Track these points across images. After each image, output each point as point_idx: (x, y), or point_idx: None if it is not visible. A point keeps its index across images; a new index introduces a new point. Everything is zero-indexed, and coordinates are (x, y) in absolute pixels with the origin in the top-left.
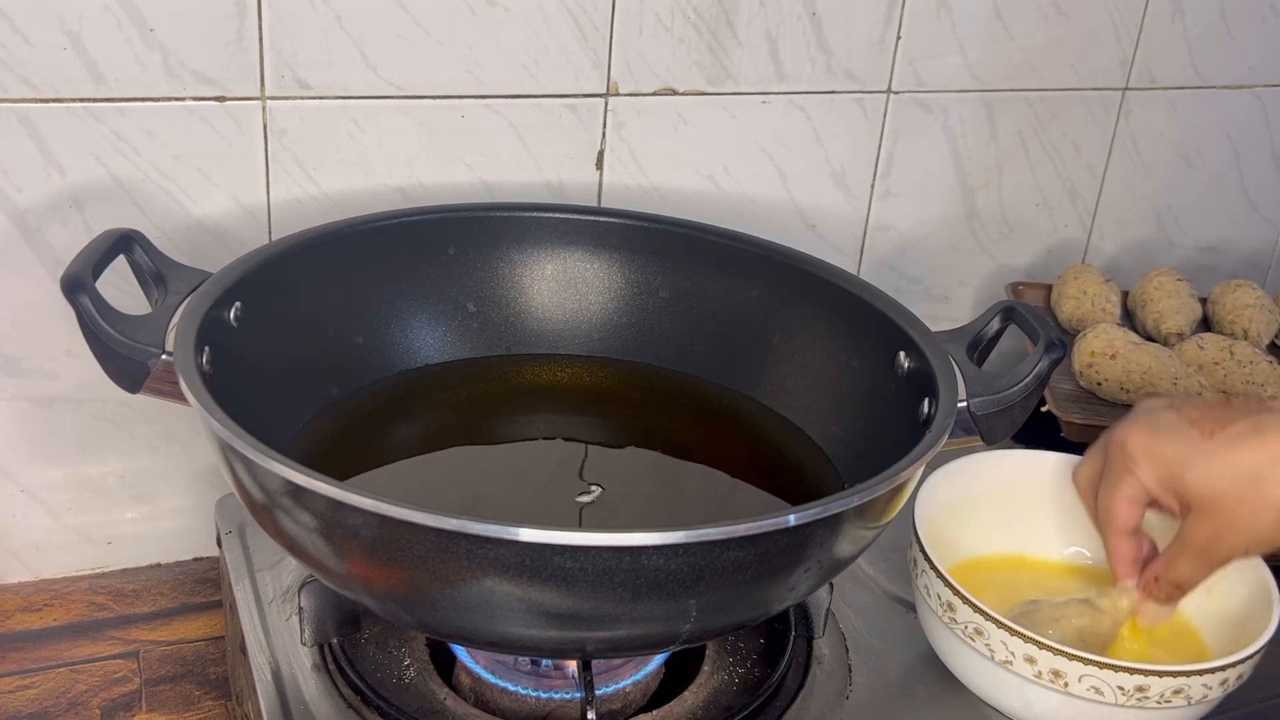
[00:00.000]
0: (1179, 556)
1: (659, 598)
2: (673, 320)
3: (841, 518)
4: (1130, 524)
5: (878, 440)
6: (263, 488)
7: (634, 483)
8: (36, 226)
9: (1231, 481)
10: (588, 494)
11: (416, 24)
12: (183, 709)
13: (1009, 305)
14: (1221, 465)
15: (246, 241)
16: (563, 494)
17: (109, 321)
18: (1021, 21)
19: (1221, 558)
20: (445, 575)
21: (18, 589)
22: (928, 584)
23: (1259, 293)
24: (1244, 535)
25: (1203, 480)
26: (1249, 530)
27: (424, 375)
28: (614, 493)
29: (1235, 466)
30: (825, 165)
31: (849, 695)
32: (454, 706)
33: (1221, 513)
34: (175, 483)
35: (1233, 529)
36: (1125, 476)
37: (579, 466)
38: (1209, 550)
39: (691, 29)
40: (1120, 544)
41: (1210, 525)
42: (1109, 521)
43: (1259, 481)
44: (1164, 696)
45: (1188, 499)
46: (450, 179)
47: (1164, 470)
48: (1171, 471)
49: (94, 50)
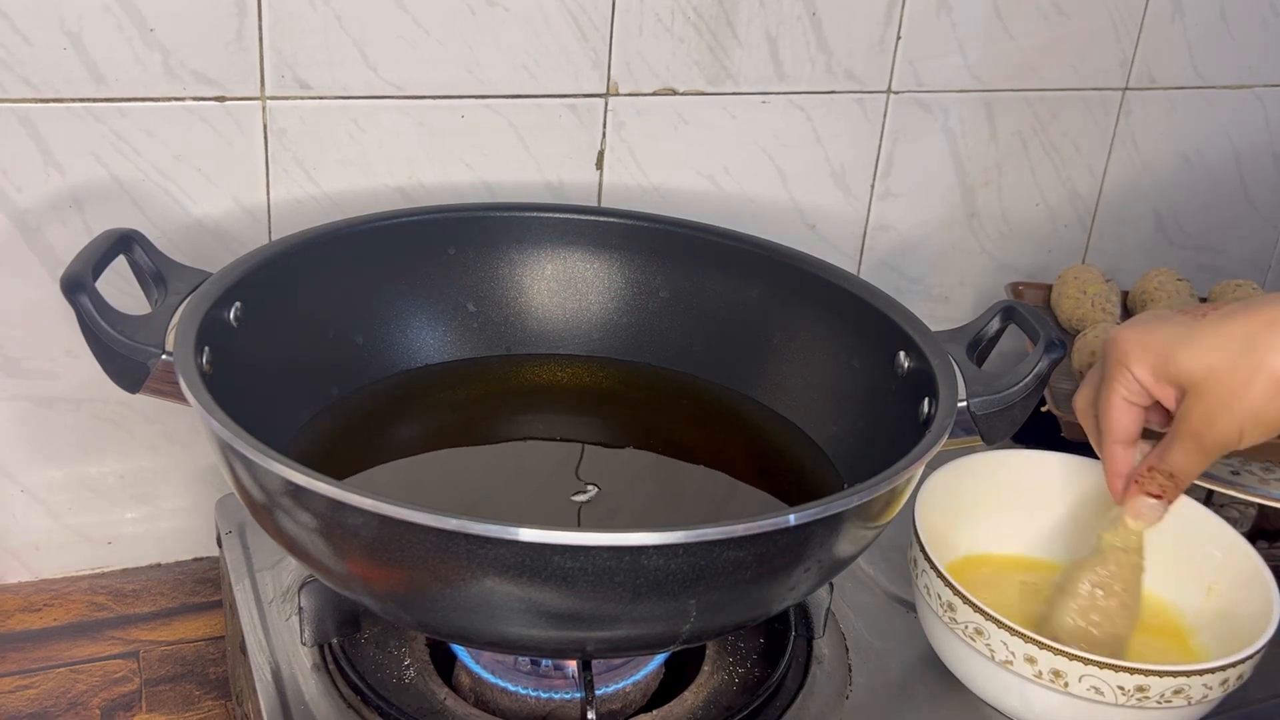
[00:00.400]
0: (1172, 442)
1: (659, 598)
2: (673, 320)
3: (841, 518)
4: (1128, 431)
5: (878, 440)
6: (263, 488)
7: (634, 483)
8: (36, 226)
9: (1223, 352)
10: (584, 493)
11: (416, 24)
12: (183, 709)
13: (1009, 305)
14: (1213, 338)
15: (246, 241)
16: (562, 494)
17: (109, 321)
18: (1021, 21)
19: (1214, 442)
20: (445, 575)
21: (18, 589)
22: (928, 584)
23: (1259, 293)
24: (1238, 411)
25: (1194, 355)
26: (1242, 404)
27: (424, 375)
28: (614, 493)
29: (1226, 336)
30: (825, 165)
31: (849, 695)
32: (454, 706)
33: (1214, 388)
34: (175, 483)
35: (1226, 406)
36: (1120, 373)
37: (578, 466)
38: (1202, 432)
39: (691, 29)
40: (1116, 453)
41: (1202, 404)
42: (1107, 427)
43: (1251, 348)
44: (1164, 696)
45: (1181, 381)
46: (450, 179)
47: (1156, 356)
48: (1164, 355)
49: (94, 50)
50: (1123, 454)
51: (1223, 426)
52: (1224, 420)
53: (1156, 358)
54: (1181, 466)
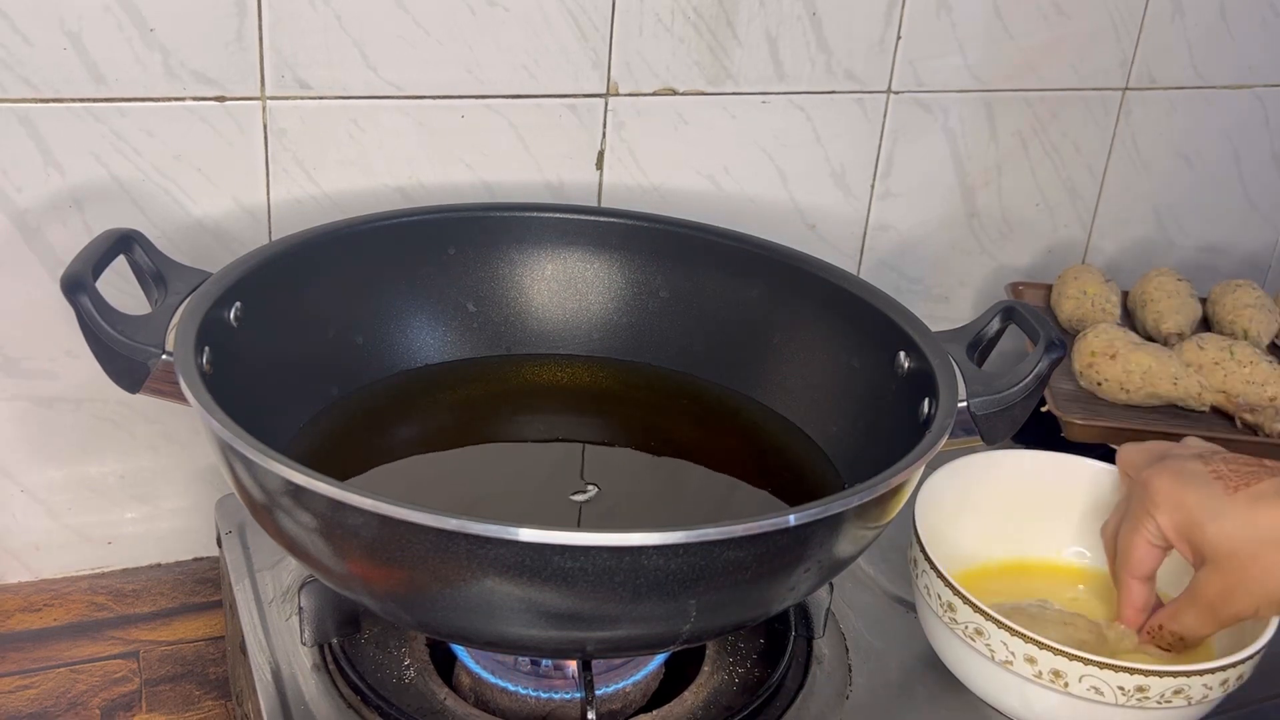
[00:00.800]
0: (1186, 608)
1: (659, 598)
2: (673, 320)
3: (841, 518)
4: (1147, 568)
5: (878, 440)
6: (263, 488)
7: (634, 483)
8: (36, 226)
9: (1249, 538)
10: (583, 493)
11: (416, 24)
12: (183, 709)
13: (1009, 305)
14: (1241, 521)
15: (246, 241)
16: (563, 494)
17: (109, 321)
18: (1021, 21)
19: (1229, 615)
20: (445, 575)
21: (18, 589)
22: (928, 584)
23: (1259, 293)
24: (1255, 594)
25: (1220, 534)
26: (1261, 590)
27: (424, 375)
28: (614, 493)
29: (1255, 524)
30: (825, 165)
31: (849, 695)
32: (454, 706)
33: (1235, 569)
34: (175, 483)
35: (1245, 587)
36: (1146, 520)
37: (579, 466)
38: (1217, 606)
39: (691, 29)
40: (1133, 588)
41: (1222, 580)
42: (1126, 562)
43: (1277, 542)
44: (1164, 696)
45: (1203, 551)
46: (450, 179)
47: (1183, 518)
48: (1191, 520)
49: (94, 50)
50: (1139, 589)
51: (1240, 605)
52: (1241, 599)
53: (1184, 519)
54: (1192, 630)
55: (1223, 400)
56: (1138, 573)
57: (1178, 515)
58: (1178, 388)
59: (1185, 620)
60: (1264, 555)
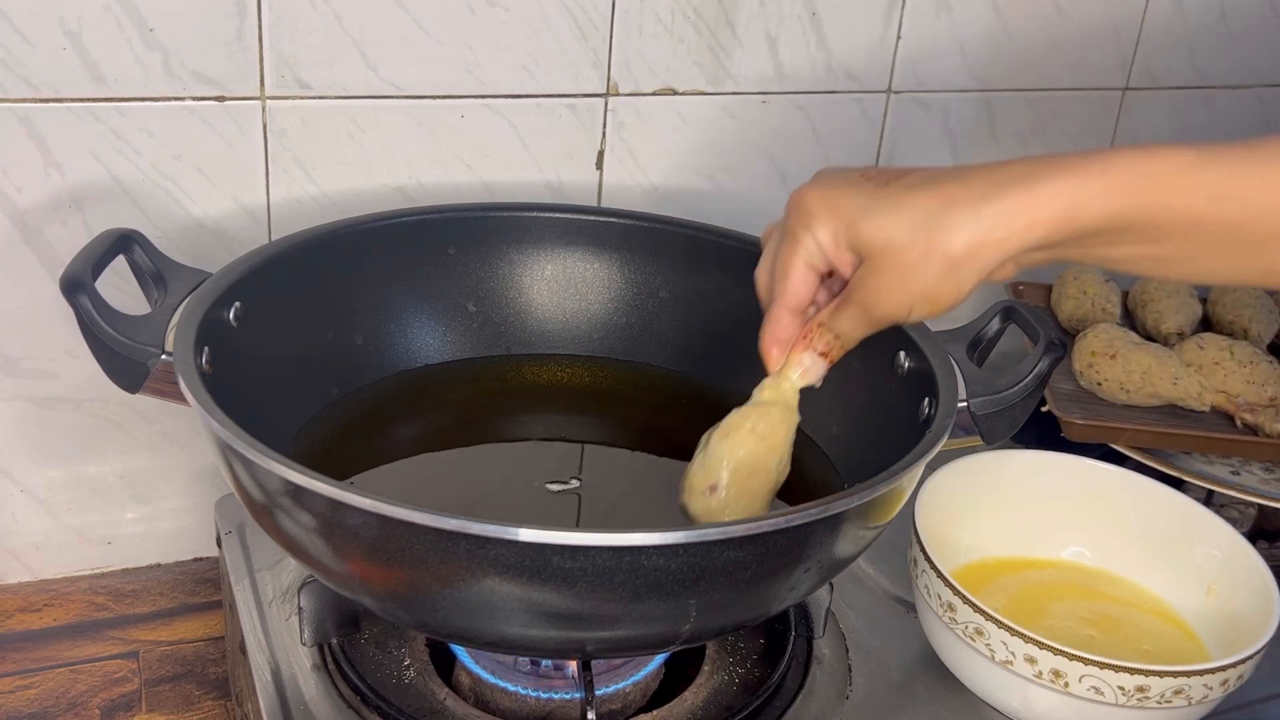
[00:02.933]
0: (843, 307)
1: (659, 598)
2: (673, 320)
3: (841, 518)
4: (801, 297)
5: (878, 440)
6: (262, 488)
7: (633, 483)
8: (36, 226)
9: (901, 227)
10: (562, 483)
11: (416, 24)
12: (183, 709)
13: (1009, 305)
14: (894, 210)
15: (246, 241)
16: (563, 494)
17: (109, 321)
18: (1021, 21)
19: (883, 312)
20: (445, 575)
21: (18, 589)
22: (928, 584)
23: (1259, 293)
24: (909, 286)
25: (875, 227)
26: (914, 282)
27: (424, 375)
28: (614, 492)
29: (908, 211)
30: (825, 165)
31: (849, 695)
32: (454, 706)
33: (890, 261)
34: (175, 483)
35: (898, 279)
36: (802, 236)
37: (578, 466)
38: (872, 304)
39: (691, 29)
40: (783, 319)
41: (876, 275)
42: (782, 290)
43: (930, 225)
44: (1164, 697)
45: (860, 249)
46: (450, 179)
47: (839, 222)
48: (846, 222)
49: (94, 50)
50: (788, 320)
51: (893, 301)
52: (895, 295)
53: (839, 223)
54: (848, 331)
55: (1223, 400)
56: (791, 301)
57: (834, 221)
58: (1178, 387)
59: (842, 321)
60: (918, 241)
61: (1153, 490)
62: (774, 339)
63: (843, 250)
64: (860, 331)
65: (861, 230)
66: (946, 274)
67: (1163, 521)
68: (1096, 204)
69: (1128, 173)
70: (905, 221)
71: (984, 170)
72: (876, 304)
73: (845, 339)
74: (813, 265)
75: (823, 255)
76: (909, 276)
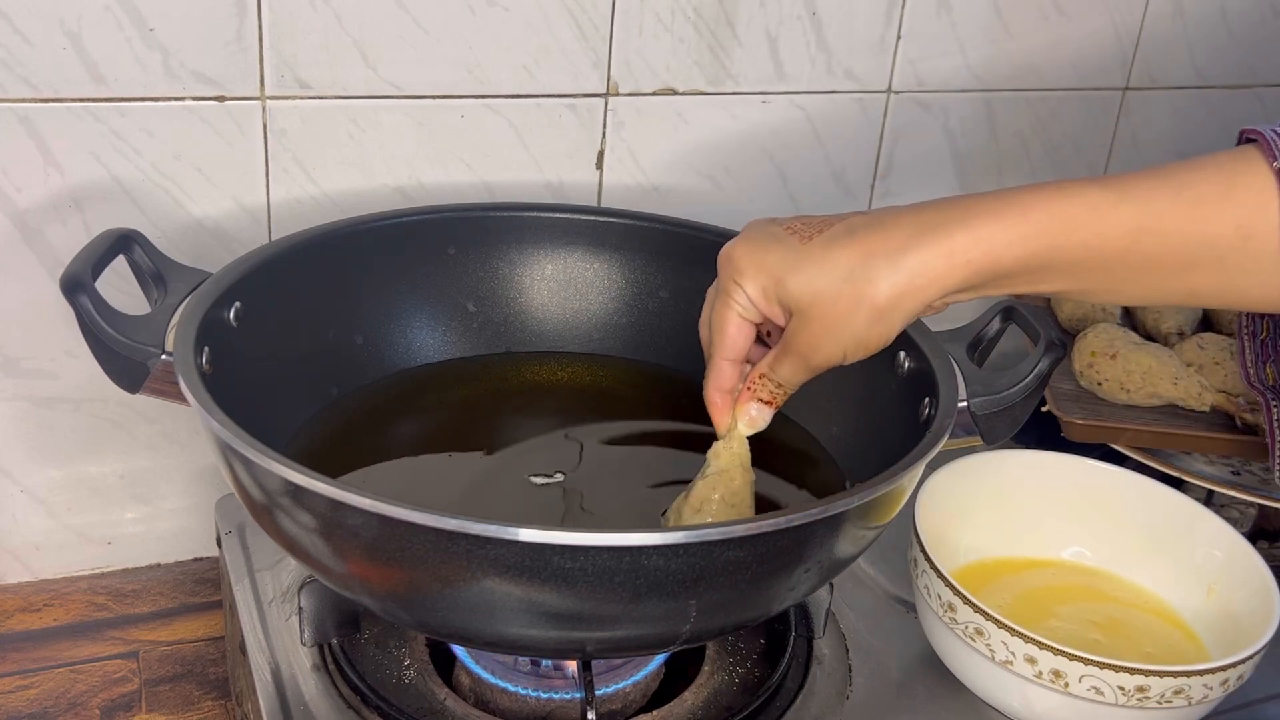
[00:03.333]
0: (782, 358)
1: (659, 598)
2: (673, 320)
3: (841, 518)
4: (738, 348)
5: (878, 440)
6: (262, 488)
7: (634, 482)
8: (36, 226)
9: (827, 281)
10: (547, 478)
11: (416, 24)
12: (183, 709)
13: (1009, 305)
14: (817, 266)
15: (246, 241)
16: (562, 494)
17: (109, 321)
18: (1021, 21)
19: (820, 361)
20: (445, 575)
21: (18, 589)
22: (928, 584)
23: None
24: (840, 336)
25: (801, 283)
26: (844, 330)
27: (424, 375)
28: (614, 492)
29: (830, 266)
30: (825, 165)
31: (849, 695)
32: (454, 706)
33: (819, 314)
34: (175, 483)
35: (829, 330)
36: (734, 291)
37: (578, 466)
38: (808, 354)
39: (691, 29)
40: (723, 370)
41: (808, 328)
42: (720, 342)
43: (852, 279)
44: (1164, 697)
45: (789, 304)
46: (450, 179)
47: (767, 278)
48: (774, 278)
49: (94, 50)
50: (729, 370)
51: (827, 350)
52: (828, 345)
53: (768, 279)
54: (788, 378)
55: (1223, 400)
56: (730, 354)
57: (761, 277)
58: (1178, 387)
59: (781, 370)
60: (843, 295)
61: (1153, 490)
62: (716, 388)
63: (773, 304)
64: (799, 378)
65: (788, 286)
66: (874, 322)
67: (1163, 522)
68: (1014, 249)
69: (1043, 215)
70: (828, 276)
71: (903, 218)
72: (812, 353)
73: (786, 385)
74: (747, 318)
75: (754, 309)
76: (839, 327)
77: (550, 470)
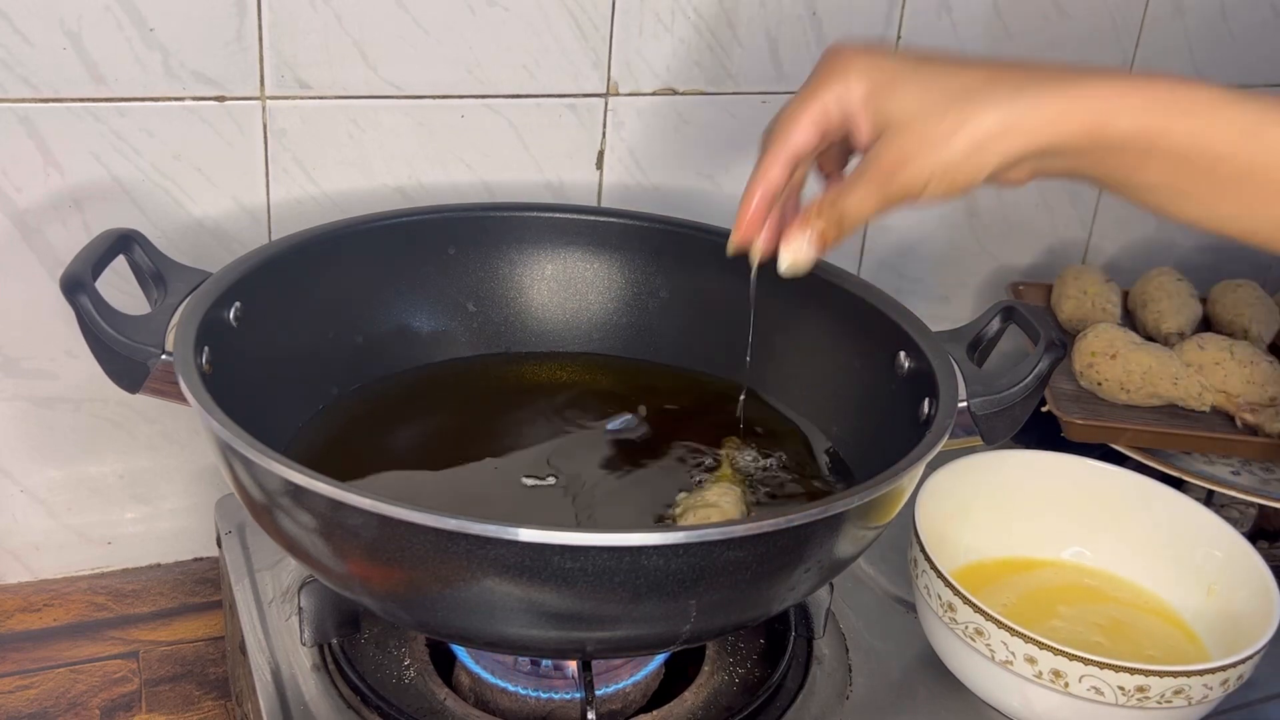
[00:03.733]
0: (856, 181)
1: (659, 598)
2: (673, 320)
3: (841, 518)
4: (798, 145)
5: (878, 440)
6: (262, 488)
7: (634, 482)
8: (36, 226)
9: (941, 93)
10: (539, 479)
11: (416, 24)
12: (183, 709)
13: (1009, 305)
14: (935, 78)
15: (246, 241)
16: (562, 493)
17: (109, 321)
18: (1021, 21)
19: (900, 185)
20: (445, 575)
21: (18, 589)
22: (928, 584)
23: (1259, 293)
24: (932, 157)
25: (914, 90)
26: (939, 151)
27: (424, 375)
28: (614, 492)
29: (948, 79)
30: None
31: (849, 695)
32: (454, 706)
33: (918, 128)
34: (175, 483)
35: (923, 147)
36: (833, 84)
37: (578, 465)
38: (891, 174)
39: (691, 29)
40: (773, 165)
41: (899, 143)
42: (782, 134)
43: (967, 98)
44: (1164, 697)
45: (890, 113)
46: (450, 179)
47: (880, 76)
48: (888, 78)
49: (94, 50)
50: (778, 171)
51: (913, 169)
52: (917, 164)
53: (881, 78)
54: (855, 207)
55: (1223, 400)
56: (789, 148)
57: (875, 74)
58: (1178, 388)
59: (853, 194)
60: (950, 114)
61: (1153, 490)
62: (760, 183)
63: (869, 111)
64: (869, 207)
65: (897, 92)
66: (971, 152)
67: (1163, 521)
68: (1127, 116)
69: (1165, 93)
70: (943, 88)
71: (1025, 63)
72: (895, 173)
73: (849, 219)
74: (827, 115)
75: (842, 110)
76: (935, 146)
77: (543, 474)
